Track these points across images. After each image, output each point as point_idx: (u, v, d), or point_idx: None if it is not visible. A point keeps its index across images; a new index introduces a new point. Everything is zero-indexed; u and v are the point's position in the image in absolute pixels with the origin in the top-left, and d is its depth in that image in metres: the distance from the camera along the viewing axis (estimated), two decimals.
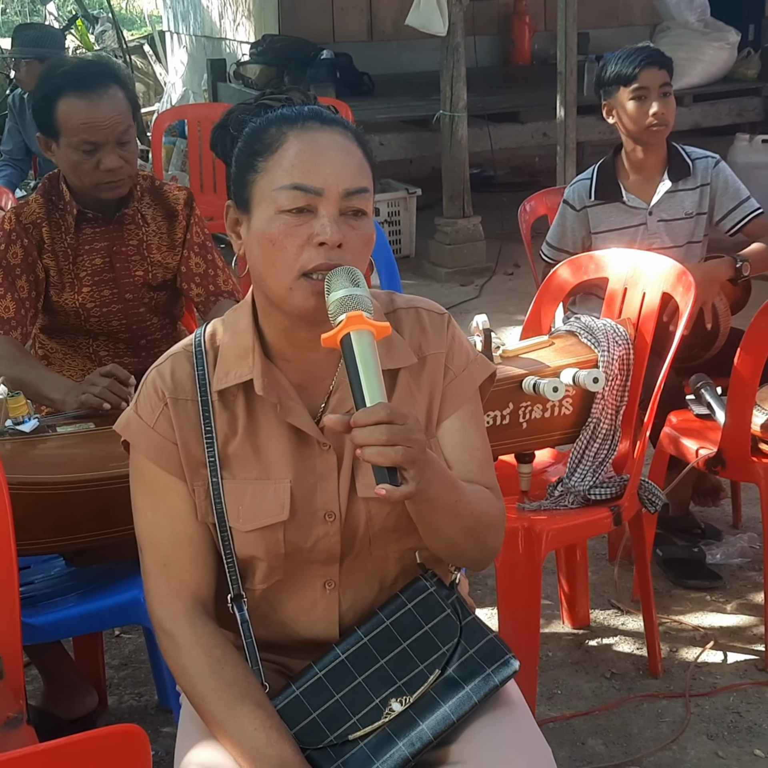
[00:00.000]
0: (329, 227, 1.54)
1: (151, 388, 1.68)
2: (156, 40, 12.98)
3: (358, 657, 1.66)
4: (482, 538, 1.68)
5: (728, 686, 2.80)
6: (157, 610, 1.68)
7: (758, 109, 7.26)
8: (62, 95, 2.55)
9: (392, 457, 1.41)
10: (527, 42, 8.64)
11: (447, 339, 1.72)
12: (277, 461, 1.66)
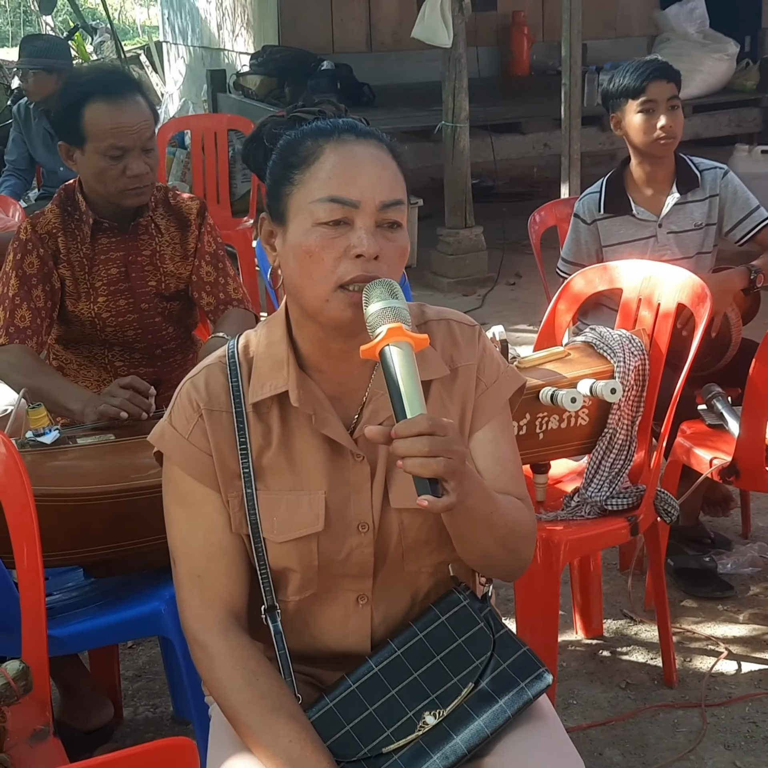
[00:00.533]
0: (366, 239, 1.55)
1: (185, 400, 1.68)
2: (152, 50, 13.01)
3: (392, 670, 1.66)
4: (516, 549, 1.69)
5: (743, 696, 2.80)
6: (190, 621, 1.68)
7: (757, 119, 7.29)
8: (89, 101, 2.56)
9: (434, 468, 1.41)
10: (526, 53, 8.67)
11: (478, 351, 1.73)
12: (311, 472, 1.66)
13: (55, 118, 2.66)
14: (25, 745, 1.86)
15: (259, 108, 7.31)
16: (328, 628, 1.72)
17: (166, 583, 2.33)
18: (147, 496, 2.24)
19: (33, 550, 1.94)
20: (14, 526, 1.96)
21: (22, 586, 1.96)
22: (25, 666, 1.78)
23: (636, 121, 3.25)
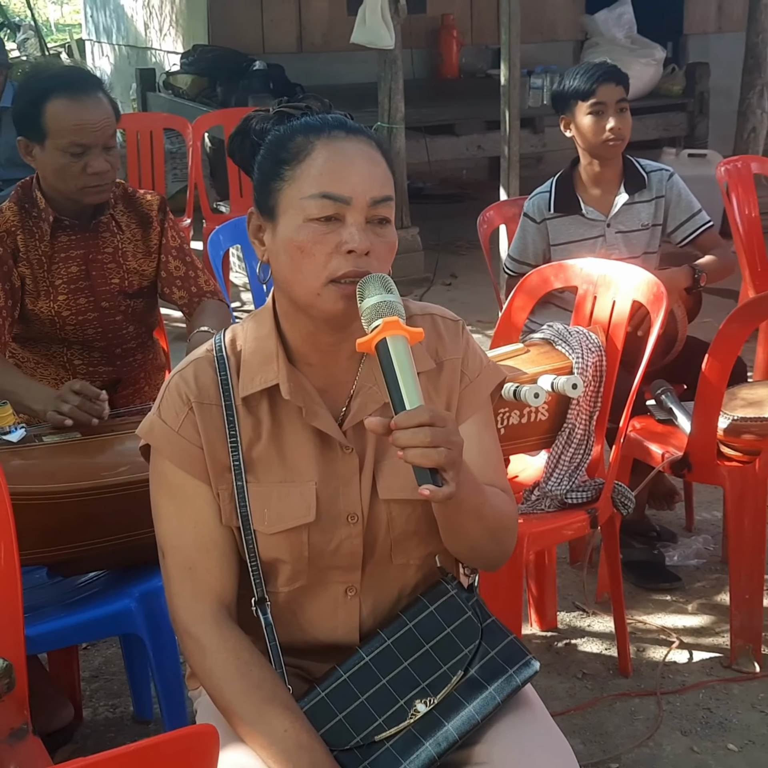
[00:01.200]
0: (357, 235, 1.57)
1: (174, 393, 1.69)
2: (74, 48, 12.86)
3: (382, 659, 1.68)
4: (501, 539, 1.72)
5: (697, 684, 2.87)
6: (181, 614, 1.68)
7: (683, 123, 7.44)
8: (51, 97, 2.53)
9: (435, 458, 1.43)
10: (455, 56, 8.73)
11: (462, 345, 1.76)
12: (301, 464, 1.68)
13: (15, 113, 2.62)
14: (3, 744, 1.84)
15: (191, 107, 7.27)
16: (317, 621, 1.73)
17: (135, 581, 2.34)
18: (118, 494, 2.24)
19: (10, 548, 1.91)
20: None
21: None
22: (8, 663, 1.77)
23: (585, 123, 3.30)
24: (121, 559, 2.36)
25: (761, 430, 2.85)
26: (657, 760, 2.61)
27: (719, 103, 7.66)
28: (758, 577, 2.90)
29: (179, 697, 2.38)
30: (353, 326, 1.62)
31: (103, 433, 2.41)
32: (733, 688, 2.85)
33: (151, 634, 2.31)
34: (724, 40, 9.35)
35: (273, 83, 7.28)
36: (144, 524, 2.27)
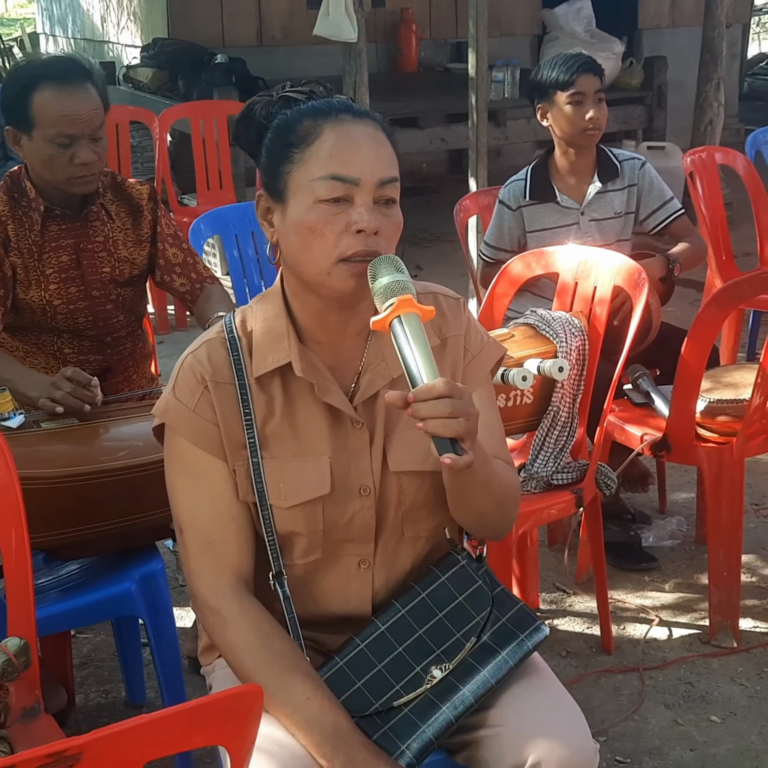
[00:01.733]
0: (367, 215, 1.61)
1: (189, 373, 1.72)
2: (26, 42, 12.75)
3: (398, 628, 1.73)
4: (507, 509, 1.78)
5: (677, 659, 2.95)
6: (202, 589, 1.71)
7: (642, 116, 7.53)
8: (39, 87, 2.53)
9: (455, 428, 1.48)
10: (414, 50, 8.77)
11: (464, 322, 1.81)
12: (314, 439, 1.72)
13: (4, 102, 2.62)
14: (17, 723, 1.86)
15: (153, 100, 7.26)
16: (331, 593, 1.78)
17: (134, 565, 2.37)
18: (117, 478, 2.27)
19: (20, 532, 1.94)
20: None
21: (8, 567, 1.96)
22: (25, 642, 1.79)
23: (565, 113, 3.36)
24: (120, 543, 2.38)
25: (737, 411, 2.93)
26: (643, 733, 2.68)
27: (673, 96, 7.77)
28: (735, 555, 2.98)
29: (178, 678, 2.42)
30: (360, 305, 1.68)
31: (100, 419, 2.44)
32: (712, 662, 2.93)
33: (151, 615, 2.35)
34: (677, 34, 9.50)
35: (235, 76, 7.28)
36: (142, 508, 2.33)
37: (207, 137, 6.04)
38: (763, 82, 12.92)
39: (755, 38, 15.58)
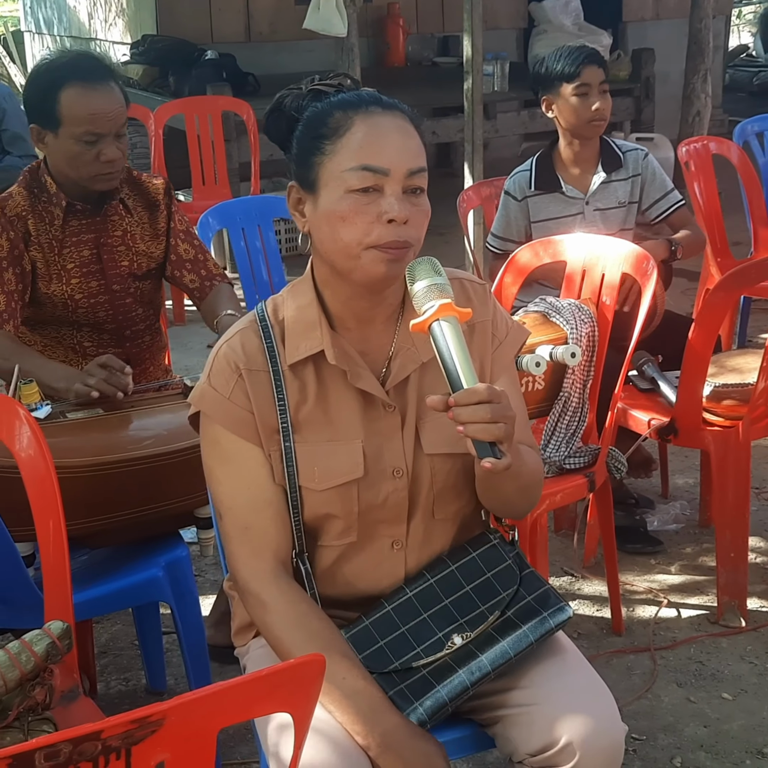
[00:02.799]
0: (397, 205, 1.65)
1: (223, 362, 1.76)
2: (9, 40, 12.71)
3: (425, 596, 1.79)
4: (531, 494, 1.84)
5: (687, 639, 3.01)
6: (241, 572, 1.76)
7: (630, 108, 7.59)
8: (66, 86, 2.55)
9: (495, 433, 1.54)
10: (401, 44, 8.81)
11: (491, 307, 1.86)
12: (347, 424, 1.77)
13: (28, 100, 2.64)
14: (59, 706, 1.90)
15: (144, 97, 7.26)
16: (363, 574, 1.82)
17: (159, 552, 2.41)
18: (143, 466, 2.32)
19: (57, 521, 1.97)
20: (35, 497, 1.99)
21: (45, 555, 2.00)
22: (67, 625, 1.83)
23: (570, 104, 3.40)
24: (145, 531, 2.42)
25: (742, 395, 2.99)
26: (656, 711, 2.73)
27: (658, 88, 7.83)
28: (742, 535, 3.04)
29: (204, 662, 2.46)
30: (387, 291, 1.73)
31: (124, 409, 2.47)
32: (721, 642, 2.99)
33: (177, 601, 2.39)
34: (661, 26, 9.58)
35: (226, 72, 7.30)
36: (167, 495, 2.37)
37: (202, 133, 6.06)
38: (744, 73, 13.02)
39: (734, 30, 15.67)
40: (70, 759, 1.05)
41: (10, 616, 2.20)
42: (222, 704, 1.14)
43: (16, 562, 2.14)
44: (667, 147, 7.07)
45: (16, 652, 1.77)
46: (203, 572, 3.34)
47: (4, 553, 2.11)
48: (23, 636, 1.81)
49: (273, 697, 1.20)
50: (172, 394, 2.59)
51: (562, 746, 1.66)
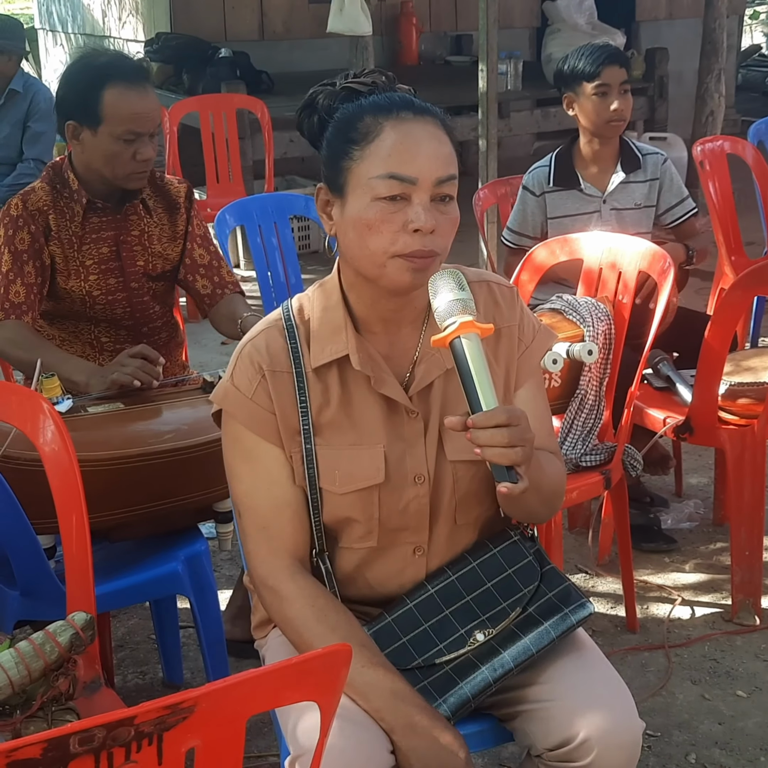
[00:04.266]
0: (423, 215, 1.64)
1: (247, 361, 1.77)
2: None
3: (446, 592, 1.80)
4: (554, 503, 1.85)
5: (701, 637, 3.02)
6: (259, 569, 1.77)
7: (644, 107, 7.58)
8: (109, 85, 2.58)
9: (512, 458, 1.55)
10: (415, 43, 8.82)
11: (518, 311, 1.85)
12: (370, 428, 1.77)
13: (65, 97, 2.66)
14: (82, 696, 1.92)
15: (158, 95, 7.20)
16: (385, 579, 1.83)
17: (179, 546, 2.43)
18: (164, 460, 2.33)
19: (80, 515, 1.99)
20: (59, 490, 2.01)
21: (68, 548, 2.01)
22: (91, 617, 1.84)
23: (590, 103, 3.41)
24: (165, 525, 2.44)
25: (758, 394, 2.99)
26: (671, 708, 2.74)
27: (671, 87, 7.82)
28: (758, 534, 3.05)
29: (222, 655, 2.48)
30: (414, 294, 1.73)
31: (145, 403, 2.49)
32: (736, 640, 3.00)
33: (196, 594, 2.41)
34: (674, 26, 9.57)
35: (240, 70, 7.32)
36: (187, 489, 2.39)
37: (216, 130, 6.08)
38: (756, 73, 12.98)
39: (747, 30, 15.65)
40: (103, 744, 1.06)
41: (32, 607, 2.22)
42: (251, 692, 1.16)
43: (38, 554, 2.17)
44: (680, 146, 7.06)
45: (41, 642, 1.78)
46: (219, 567, 3.36)
47: (27, 545, 2.13)
48: (47, 626, 1.82)
49: (300, 685, 1.21)
50: (192, 389, 2.61)
51: (579, 742, 1.67)
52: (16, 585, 2.20)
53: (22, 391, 2.16)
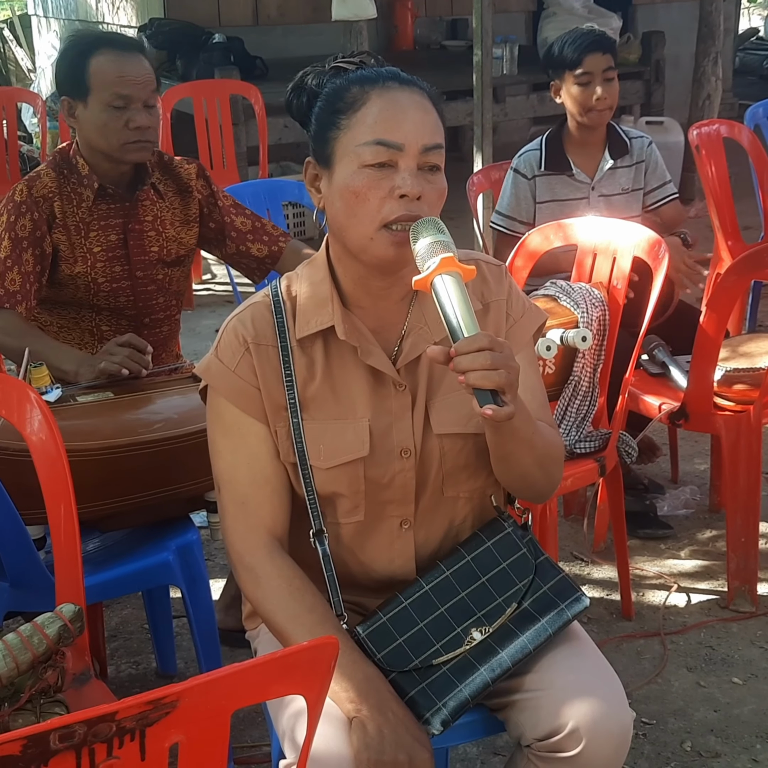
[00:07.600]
0: (410, 180, 1.65)
1: (232, 335, 1.77)
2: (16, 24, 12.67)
3: (441, 589, 1.77)
4: (550, 470, 1.81)
5: (697, 624, 3.01)
6: (236, 545, 1.76)
7: (640, 92, 7.55)
8: (96, 52, 2.58)
9: (496, 380, 1.51)
10: (410, 27, 8.77)
11: (506, 287, 1.85)
12: (355, 402, 1.76)
13: (59, 73, 2.66)
14: (71, 689, 1.90)
15: None
16: (375, 554, 1.82)
17: (170, 536, 2.41)
18: (154, 449, 2.31)
19: (69, 505, 1.97)
20: (47, 481, 1.99)
21: (57, 539, 2.00)
22: (79, 608, 1.82)
23: (573, 92, 3.39)
24: (155, 515, 2.42)
25: (753, 380, 2.98)
26: (667, 695, 2.73)
27: (668, 71, 7.78)
28: (753, 520, 3.03)
29: (215, 645, 2.47)
30: (403, 271, 1.72)
31: (135, 393, 2.47)
32: (732, 627, 2.99)
33: (188, 584, 2.39)
34: (671, 9, 9.51)
35: (234, 56, 7.28)
36: (178, 479, 2.37)
37: (210, 116, 6.05)
38: (754, 56, 12.92)
39: (744, 13, 15.58)
40: (84, 740, 1.05)
41: (22, 599, 2.21)
42: (236, 686, 1.14)
43: (27, 545, 2.15)
44: (677, 131, 7.03)
45: (28, 634, 1.76)
46: (213, 556, 3.35)
47: (16, 536, 2.12)
48: (35, 619, 1.80)
49: (286, 679, 1.20)
50: (183, 378, 2.58)
51: (568, 732, 1.65)
52: (6, 576, 2.18)
53: (9, 380, 2.14)
